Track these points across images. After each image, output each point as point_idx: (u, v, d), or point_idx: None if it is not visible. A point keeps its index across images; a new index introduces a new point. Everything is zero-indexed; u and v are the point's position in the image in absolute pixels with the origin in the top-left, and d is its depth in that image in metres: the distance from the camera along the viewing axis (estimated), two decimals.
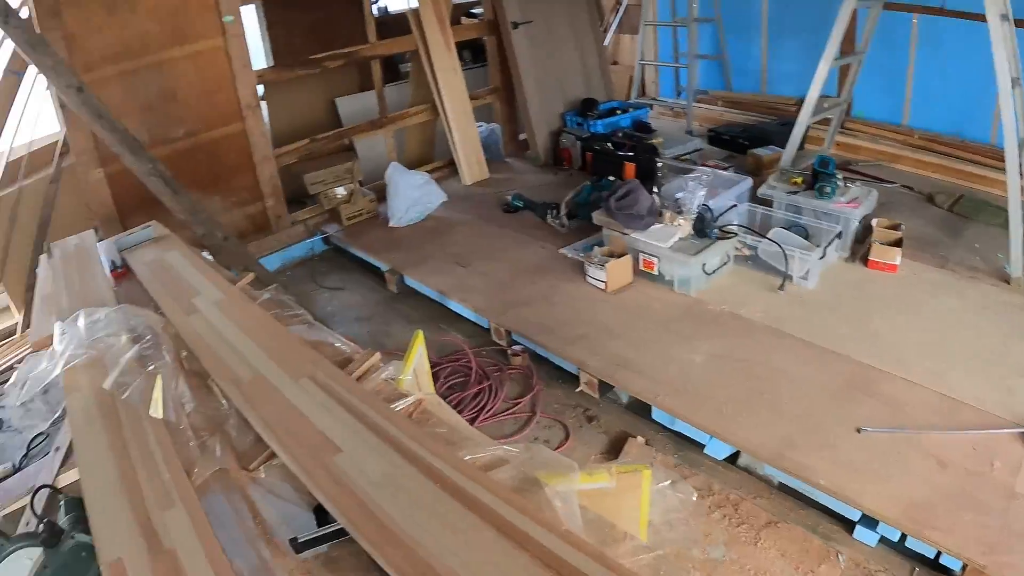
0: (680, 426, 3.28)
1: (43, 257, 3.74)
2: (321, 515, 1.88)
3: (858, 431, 2.99)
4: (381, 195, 5.76)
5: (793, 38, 6.64)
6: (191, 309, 2.89)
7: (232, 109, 5.14)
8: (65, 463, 2.62)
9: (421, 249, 5.12)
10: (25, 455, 3.77)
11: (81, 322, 2.64)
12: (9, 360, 4.77)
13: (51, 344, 2.65)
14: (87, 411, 2.30)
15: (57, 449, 2.91)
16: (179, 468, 1.99)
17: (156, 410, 2.25)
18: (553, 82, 6.65)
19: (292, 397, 2.24)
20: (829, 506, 2.83)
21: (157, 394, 2.29)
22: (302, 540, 1.80)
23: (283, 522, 1.92)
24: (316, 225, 5.81)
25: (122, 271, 3.53)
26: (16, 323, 5.20)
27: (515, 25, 6.32)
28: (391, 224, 5.54)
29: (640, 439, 3.37)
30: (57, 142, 5.13)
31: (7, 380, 2.74)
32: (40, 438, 3.78)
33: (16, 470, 3.65)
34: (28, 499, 2.14)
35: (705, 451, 3.20)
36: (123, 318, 2.67)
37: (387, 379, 2.45)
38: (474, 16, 7.84)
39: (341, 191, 5.74)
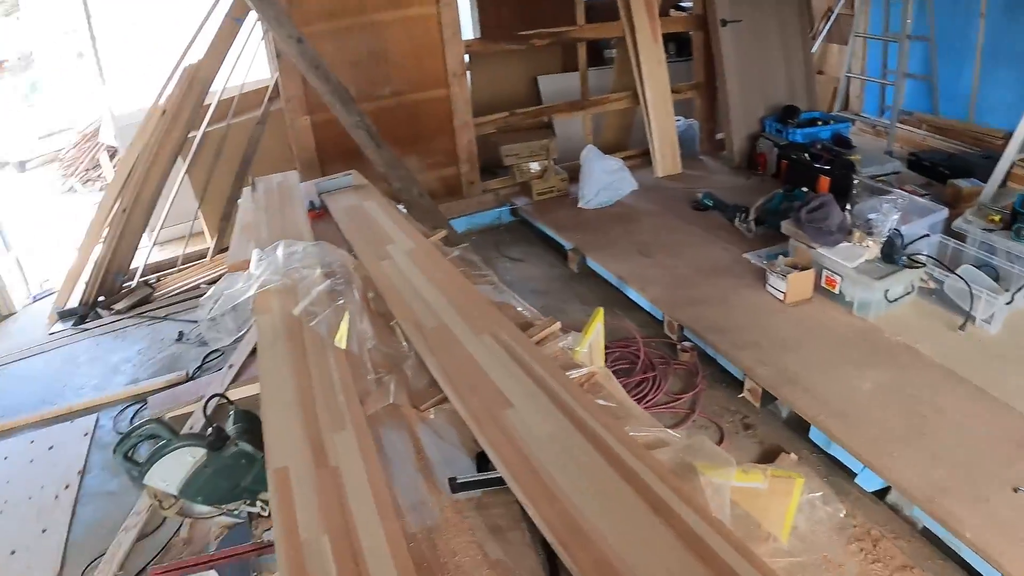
0: (835, 450, 3.10)
1: (246, 189, 3.94)
2: (482, 462, 1.90)
3: (1015, 490, 2.70)
4: (572, 175, 5.75)
5: (1008, 66, 6.04)
6: (383, 255, 2.96)
7: (438, 75, 5.28)
8: (236, 380, 2.75)
9: (606, 233, 5.08)
10: (199, 367, 4.07)
11: (280, 252, 2.75)
12: (197, 279, 5.12)
13: (247, 268, 2.77)
14: (275, 331, 2.39)
15: (231, 366, 3.07)
16: (354, 396, 2.03)
17: (340, 341, 2.32)
18: (756, 85, 6.40)
19: (472, 349, 2.24)
20: (969, 561, 2.58)
21: (343, 327, 2.36)
22: (460, 481, 1.83)
23: (444, 463, 1.96)
24: (506, 196, 5.90)
25: (319, 212, 3.66)
26: (208, 248, 5.56)
27: (724, 23, 6.12)
28: (579, 205, 5.53)
29: (793, 456, 3.22)
30: (267, 87, 5.44)
31: (197, 296, 2.90)
32: (215, 355, 4.08)
33: (189, 379, 3.95)
34: (199, 405, 2.26)
35: (855, 480, 3.02)
36: (319, 253, 2.76)
37: (564, 348, 2.44)
38: (683, 9, 7.67)
39: (535, 166, 5.80)
